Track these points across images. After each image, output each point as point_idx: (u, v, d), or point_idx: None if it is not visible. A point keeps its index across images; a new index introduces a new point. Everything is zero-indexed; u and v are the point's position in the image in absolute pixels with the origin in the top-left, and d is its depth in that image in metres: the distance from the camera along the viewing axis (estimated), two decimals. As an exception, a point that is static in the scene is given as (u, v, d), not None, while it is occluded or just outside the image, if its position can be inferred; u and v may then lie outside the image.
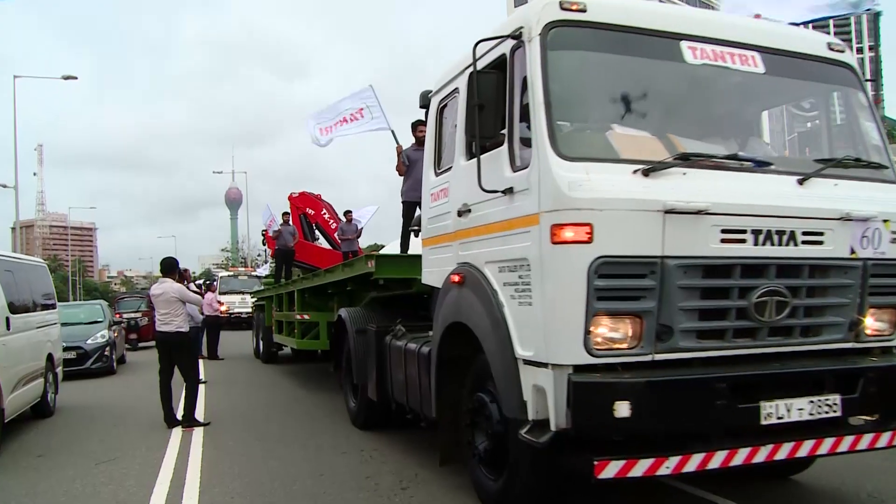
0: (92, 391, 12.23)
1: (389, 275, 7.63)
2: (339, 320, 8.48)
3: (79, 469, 6.58)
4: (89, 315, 16.04)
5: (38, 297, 9.74)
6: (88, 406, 10.52)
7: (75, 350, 13.94)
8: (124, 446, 7.49)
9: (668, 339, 3.74)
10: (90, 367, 14.35)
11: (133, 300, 26.61)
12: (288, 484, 5.79)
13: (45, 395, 9.45)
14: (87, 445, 7.64)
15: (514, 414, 4.10)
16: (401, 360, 6.26)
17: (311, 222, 19.65)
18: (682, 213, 3.72)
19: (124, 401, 10.90)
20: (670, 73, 4.31)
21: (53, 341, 10.15)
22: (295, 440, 7.50)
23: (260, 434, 7.91)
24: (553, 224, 3.73)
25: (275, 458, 6.72)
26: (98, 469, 6.55)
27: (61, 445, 7.74)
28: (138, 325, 21.82)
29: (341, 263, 9.98)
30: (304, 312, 11.68)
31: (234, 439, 7.67)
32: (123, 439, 7.89)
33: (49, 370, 9.67)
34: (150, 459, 6.84)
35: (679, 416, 3.71)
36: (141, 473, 6.33)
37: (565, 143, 3.84)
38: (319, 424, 8.39)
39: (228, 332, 27.17)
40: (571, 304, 3.66)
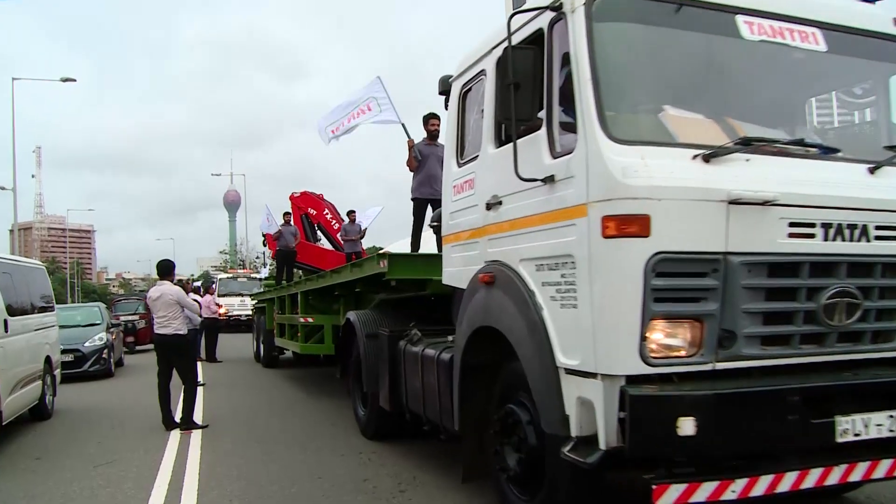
0: (90, 394, 12.15)
1: (403, 275, 7.12)
2: (347, 324, 8.06)
3: (76, 472, 6.54)
4: (87, 317, 15.91)
5: (36, 300, 9.70)
6: (86, 409, 10.47)
7: (73, 353, 13.85)
8: (122, 449, 7.45)
9: (731, 346, 3.37)
10: (88, 369, 14.26)
11: (130, 302, 26.01)
12: (286, 486, 5.78)
13: (43, 398, 9.39)
14: (84, 448, 7.59)
15: (554, 429, 3.69)
16: (417, 367, 5.83)
17: (313, 223, 19.13)
18: (748, 203, 3.34)
19: (122, 403, 10.88)
20: (725, 49, 3.91)
21: (51, 344, 10.12)
22: (293, 443, 7.46)
23: (258, 436, 7.87)
24: (604, 216, 3.33)
25: (273, 460, 6.70)
26: (96, 472, 6.52)
27: (59, 448, 7.69)
28: (135, 328, 21.50)
29: (350, 264, 9.56)
30: (307, 315, 11.09)
31: (233, 442, 7.63)
32: (121, 442, 7.84)
33: (47, 372, 9.69)
34: (148, 462, 6.81)
35: (749, 433, 3.31)
36: (139, 476, 6.30)
37: (617, 125, 3.44)
38: (318, 427, 8.36)
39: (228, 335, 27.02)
40: (625, 307, 3.27)
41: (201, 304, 13.50)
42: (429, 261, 6.83)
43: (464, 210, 4.98)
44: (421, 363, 5.76)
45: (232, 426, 8.56)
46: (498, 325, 4.31)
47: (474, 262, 4.76)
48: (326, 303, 10.71)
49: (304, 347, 11.35)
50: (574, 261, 3.56)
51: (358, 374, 7.68)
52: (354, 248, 15.89)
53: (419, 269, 7.01)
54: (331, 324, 10.42)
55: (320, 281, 10.57)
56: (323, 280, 10.40)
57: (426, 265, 6.81)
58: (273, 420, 8.95)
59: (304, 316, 11.15)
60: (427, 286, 6.83)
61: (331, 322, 10.44)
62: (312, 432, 8.02)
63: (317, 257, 17.87)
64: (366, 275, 7.86)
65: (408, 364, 6.13)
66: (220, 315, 29.81)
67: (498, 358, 4.46)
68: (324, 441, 7.50)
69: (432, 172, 8.38)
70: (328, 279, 10.01)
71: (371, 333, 7.18)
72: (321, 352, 11.21)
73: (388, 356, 6.55)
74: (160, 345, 8.67)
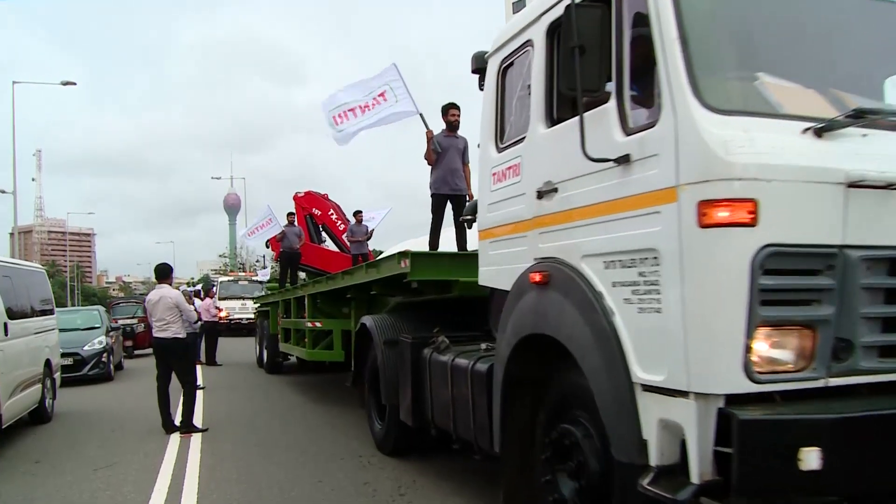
0: (90, 397, 12.18)
1: (427, 276, 6.37)
2: (361, 329, 7.32)
3: (76, 475, 6.54)
4: (87, 321, 15.90)
5: (36, 303, 9.71)
6: (86, 412, 10.45)
7: (72, 356, 13.79)
8: (122, 452, 7.44)
9: (847, 358, 2.82)
10: (87, 373, 14.26)
11: (129, 306, 24.97)
12: (286, 490, 5.77)
13: (43, 401, 9.41)
14: (84, 451, 7.59)
15: (628, 457, 3.11)
16: (446, 378, 5.20)
17: (318, 223, 18.53)
18: (870, 186, 2.81)
19: (122, 407, 10.92)
20: (830, 7, 3.41)
21: (51, 347, 10.12)
22: (293, 446, 7.46)
23: (258, 440, 7.87)
24: (701, 200, 2.75)
25: (273, 463, 6.71)
26: (96, 475, 6.52)
27: (59, 451, 7.68)
28: (134, 332, 20.89)
29: (366, 264, 8.83)
30: (315, 319, 10.43)
31: (233, 445, 7.62)
32: (121, 445, 7.83)
33: (47, 376, 9.60)
34: (147, 465, 6.81)
35: (881, 466, 2.74)
36: (139, 479, 6.29)
37: (712, 92, 2.89)
38: (318, 431, 8.34)
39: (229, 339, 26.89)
40: (727, 311, 2.71)
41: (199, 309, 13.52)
42: (455, 260, 6.40)
43: (506, 200, 4.37)
44: (451, 374, 5.14)
45: (232, 429, 8.53)
46: (555, 332, 3.68)
47: (520, 259, 4.14)
48: (336, 306, 10.07)
49: (311, 354, 10.75)
50: (658, 256, 2.97)
51: (374, 384, 7.10)
52: (361, 250, 15.36)
53: (445, 270, 6.38)
54: (340, 329, 9.81)
55: (331, 283, 9.81)
56: (333, 282, 9.60)
57: (452, 265, 6.35)
58: (273, 423, 8.94)
59: (312, 320, 10.51)
60: (452, 288, 6.25)
61: (340, 327, 9.83)
62: (312, 436, 8.00)
63: (322, 259, 17.33)
64: (384, 276, 7.09)
65: (434, 375, 5.52)
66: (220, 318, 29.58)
67: (549, 370, 3.90)
68: (324, 445, 7.49)
69: (453, 166, 8.04)
70: (340, 281, 9.21)
71: (390, 340, 6.50)
72: (329, 358, 10.46)
73: (411, 366, 5.90)
74: (159, 348, 8.66)
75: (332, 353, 10.08)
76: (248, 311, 30.71)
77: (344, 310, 9.81)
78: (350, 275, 8.86)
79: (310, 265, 16.75)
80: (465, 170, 8.24)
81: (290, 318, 12.42)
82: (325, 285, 10.06)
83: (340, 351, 9.71)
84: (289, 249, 15.71)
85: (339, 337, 9.83)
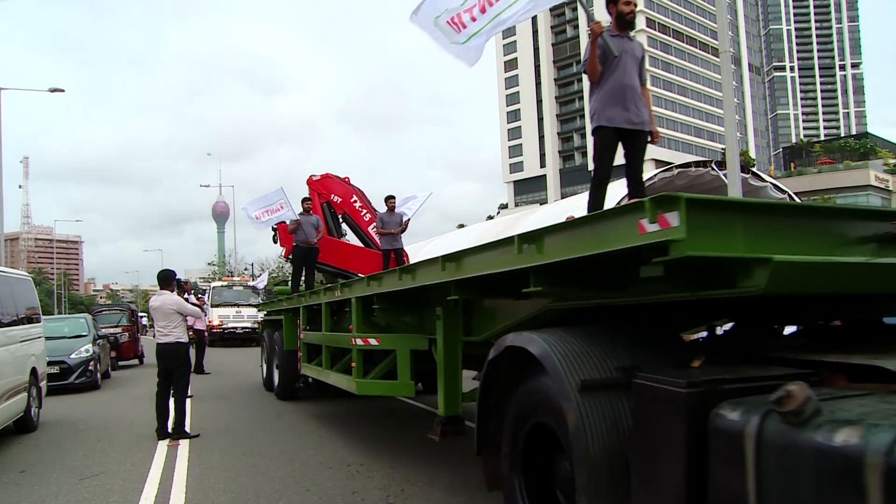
0: (76, 406, 12.03)
1: (717, 251, 2.72)
2: (509, 355, 3.85)
3: (62, 485, 6.46)
4: (73, 329, 15.76)
5: (22, 311, 9.62)
6: (72, 421, 10.34)
7: (59, 365, 13.69)
8: (109, 461, 7.38)
9: None
10: (74, 381, 14.10)
11: (113, 314, 23.02)
12: (274, 499, 5.73)
13: (29, 410, 9.30)
14: (70, 461, 7.51)
15: None
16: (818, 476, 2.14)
17: (337, 213, 14.76)
18: None
19: (109, 416, 10.79)
20: None
21: (38, 355, 10.04)
22: (281, 455, 7.41)
23: (246, 449, 7.81)
24: None
25: (261, 473, 6.67)
26: (82, 485, 6.44)
27: (44, 461, 7.60)
28: (118, 342, 19.94)
29: (515, 237, 4.10)
30: (369, 334, 7.20)
31: (220, 454, 7.58)
32: (108, 454, 7.77)
33: (33, 384, 9.61)
34: (134, 474, 6.75)
35: None
36: (125, 489, 6.23)
37: None
38: (305, 439, 8.33)
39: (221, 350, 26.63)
40: None
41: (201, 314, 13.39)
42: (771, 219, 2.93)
43: None
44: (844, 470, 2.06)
45: (219, 439, 8.50)
46: None
47: None
48: (401, 315, 6.95)
49: (365, 385, 7.21)
50: None
51: (527, 459, 3.87)
52: (393, 245, 12.75)
53: (747, 239, 2.86)
54: (408, 349, 6.73)
55: (423, 275, 5.49)
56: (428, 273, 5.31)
57: (758, 230, 2.86)
58: (261, 432, 8.90)
59: (363, 335, 7.23)
60: (748, 276, 2.73)
61: (408, 345, 6.73)
62: (301, 445, 7.98)
63: (343, 256, 14.03)
64: (605, 250, 3.16)
65: (769, 466, 2.33)
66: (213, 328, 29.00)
67: None
68: (311, 453, 7.46)
69: (626, 82, 5.33)
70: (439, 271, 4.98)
71: (607, 382, 3.23)
72: (394, 392, 7.45)
73: (686, 441, 2.65)
74: (161, 353, 8.74)
75: (396, 386, 6.96)
76: (242, 319, 29.53)
77: (405, 319, 6.96)
78: (490, 250, 4.37)
79: (327, 263, 13.70)
80: (644, 92, 5.53)
81: (319, 330, 9.29)
82: (398, 282, 6.02)
83: (409, 382, 6.73)
84: (303, 244, 12.70)
85: (408, 360, 6.71)
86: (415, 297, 6.17)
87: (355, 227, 14.68)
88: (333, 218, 14.63)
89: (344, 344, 7.84)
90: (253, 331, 29.51)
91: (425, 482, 6.07)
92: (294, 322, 11.09)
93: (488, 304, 5.31)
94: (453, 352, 5.79)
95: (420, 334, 6.63)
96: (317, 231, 12.85)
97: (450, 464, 6.71)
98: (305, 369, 10.29)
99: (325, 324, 8.91)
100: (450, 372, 5.80)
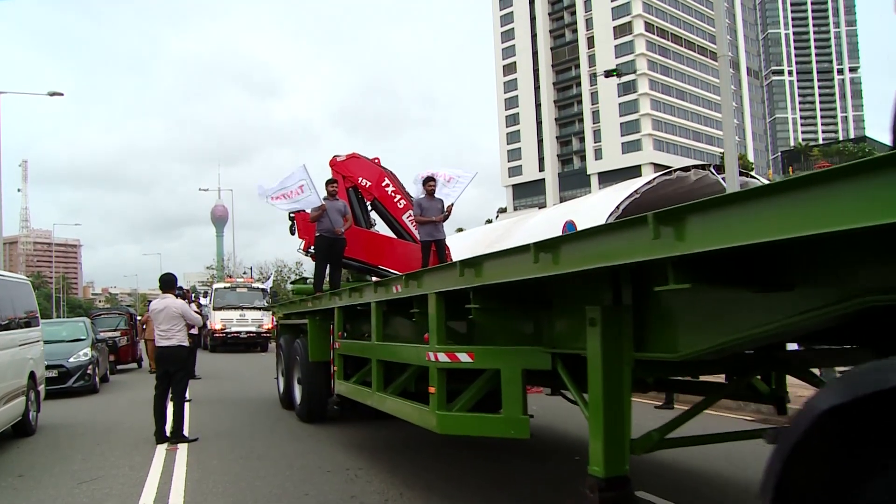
0: (74, 410, 12.02)
1: None
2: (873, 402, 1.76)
3: (60, 489, 6.43)
4: (72, 333, 15.75)
5: (20, 315, 9.63)
6: (71, 425, 10.28)
7: (57, 368, 13.69)
8: (107, 466, 7.36)
9: None
10: (72, 385, 14.10)
11: (111, 317, 22.77)
12: (272, 503, 5.75)
13: (27, 414, 9.28)
14: (68, 465, 7.48)
15: None
16: None
17: (366, 199, 12.34)
18: None
19: (107, 419, 10.74)
20: None
21: (36, 359, 10.03)
22: (280, 459, 7.40)
23: (244, 453, 7.81)
24: None
25: (259, 477, 6.65)
26: (80, 489, 6.42)
27: (42, 465, 7.57)
28: (117, 346, 19.75)
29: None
30: (458, 347, 5.08)
31: (219, 458, 7.57)
32: (106, 458, 7.74)
33: (31, 388, 9.51)
34: (133, 479, 6.73)
35: None
36: (123, 493, 6.20)
37: None
38: (304, 443, 8.31)
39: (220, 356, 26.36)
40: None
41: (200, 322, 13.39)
42: None
43: None
44: None
45: (218, 443, 8.50)
46: None
47: None
48: (511, 319, 5.02)
49: (452, 421, 5.00)
50: None
51: None
52: (435, 235, 10.73)
53: None
54: (519, 368, 4.66)
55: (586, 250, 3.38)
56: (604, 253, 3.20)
57: None
58: (259, 436, 8.89)
59: (447, 348, 5.06)
60: None
61: (519, 364, 4.67)
62: (299, 449, 7.97)
63: (372, 249, 11.87)
64: None
65: None
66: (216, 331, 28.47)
67: None
68: (310, 458, 7.45)
69: None
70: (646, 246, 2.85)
71: None
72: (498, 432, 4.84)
73: None
74: (162, 356, 8.79)
75: (500, 422, 4.78)
76: (247, 322, 28.41)
77: (516, 326, 4.98)
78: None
79: (355, 258, 11.55)
80: None
81: (362, 338, 7.74)
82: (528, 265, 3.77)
83: (522, 416, 4.61)
84: (329, 233, 10.56)
85: (519, 385, 4.65)
86: (539, 292, 4.51)
87: (388, 216, 12.28)
88: (361, 205, 12.40)
89: (412, 359, 5.86)
90: (258, 335, 28.76)
91: (423, 487, 6.07)
92: (324, 327, 8.97)
93: (700, 298, 3.24)
94: (617, 376, 3.71)
95: (538, 347, 4.65)
96: (345, 218, 10.82)
97: (448, 469, 6.72)
98: (342, 388, 8.06)
99: (377, 330, 6.71)
100: (612, 408, 3.70)
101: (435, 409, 5.08)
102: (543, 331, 4.75)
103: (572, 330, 4.24)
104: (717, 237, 2.48)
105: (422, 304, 5.53)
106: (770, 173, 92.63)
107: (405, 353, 6.10)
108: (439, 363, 5.06)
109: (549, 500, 5.77)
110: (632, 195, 16.45)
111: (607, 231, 3.24)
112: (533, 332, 4.84)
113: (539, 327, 4.80)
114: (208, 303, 29.68)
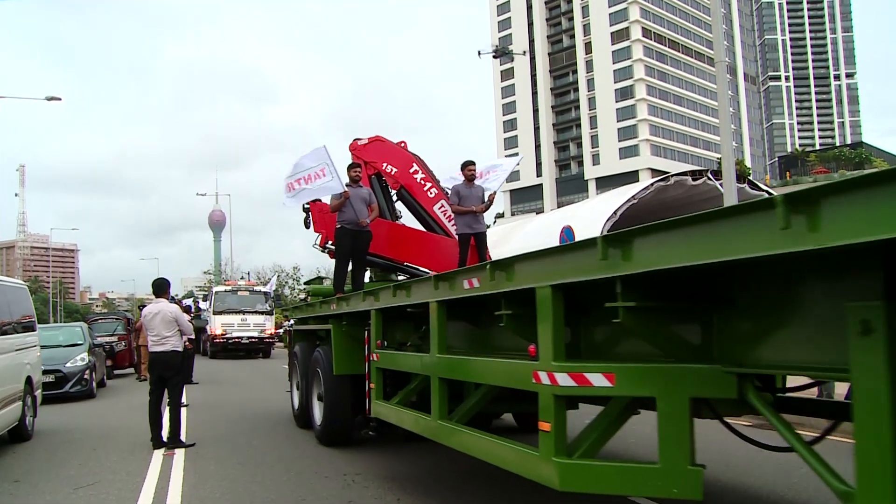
0: (71, 415, 12.00)
1: None
2: None
3: (57, 494, 6.40)
4: (69, 337, 15.72)
5: (17, 319, 9.63)
6: (68, 430, 10.30)
7: (54, 373, 13.64)
8: (104, 471, 7.33)
9: None
10: (69, 390, 14.05)
11: (108, 322, 22.89)
12: (269, 508, 5.75)
13: (24, 419, 9.26)
14: (65, 470, 7.46)
15: None
16: None
17: (391, 188, 10.85)
18: None
19: (104, 425, 10.75)
20: None
21: (33, 364, 10.01)
22: (277, 464, 7.38)
23: (242, 458, 7.78)
24: None
25: (256, 482, 6.63)
26: (77, 494, 6.39)
27: (39, 470, 7.56)
28: (114, 351, 19.81)
29: None
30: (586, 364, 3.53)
31: (216, 463, 7.55)
32: (103, 464, 7.72)
33: (28, 393, 9.51)
34: (130, 484, 6.70)
35: None
36: (120, 498, 6.18)
37: None
38: (302, 448, 8.28)
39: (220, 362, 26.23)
40: None
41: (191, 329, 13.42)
42: None
43: None
44: None
45: (215, 448, 8.47)
46: None
47: None
48: (671, 325, 3.52)
49: (585, 474, 3.53)
50: None
51: None
52: (475, 227, 9.59)
53: None
54: (687, 396, 3.30)
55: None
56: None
57: None
58: (256, 441, 8.87)
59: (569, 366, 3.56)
60: None
61: (686, 391, 3.30)
62: (296, 454, 7.95)
63: (398, 244, 10.43)
64: None
65: None
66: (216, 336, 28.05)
67: None
68: (307, 463, 7.43)
69: None
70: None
71: None
72: (659, 492, 3.35)
73: None
74: (156, 362, 8.74)
75: (660, 476, 3.36)
76: (249, 328, 27.63)
77: (691, 339, 3.52)
78: None
79: (379, 254, 10.11)
80: None
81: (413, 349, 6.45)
82: (774, 235, 2.29)
83: (691, 467, 3.32)
84: (351, 225, 9.14)
85: (687, 423, 3.31)
86: (710, 283, 3.39)
87: (416, 207, 10.80)
88: (385, 194, 10.92)
89: (507, 381, 4.29)
90: (260, 341, 28.18)
91: (421, 493, 6.05)
92: (354, 334, 7.42)
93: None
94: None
95: (715, 364, 3.31)
96: (370, 208, 9.39)
97: (446, 474, 6.71)
98: (382, 410, 6.45)
99: (438, 341, 5.08)
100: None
101: (552, 456, 3.58)
102: (714, 341, 3.43)
103: (784, 339, 3.08)
104: None
105: (515, 303, 4.14)
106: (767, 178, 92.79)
107: (495, 373, 4.41)
108: (558, 388, 3.56)
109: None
110: (630, 200, 16.48)
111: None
112: (700, 344, 3.47)
113: (708, 335, 3.46)
114: (208, 307, 29.43)
